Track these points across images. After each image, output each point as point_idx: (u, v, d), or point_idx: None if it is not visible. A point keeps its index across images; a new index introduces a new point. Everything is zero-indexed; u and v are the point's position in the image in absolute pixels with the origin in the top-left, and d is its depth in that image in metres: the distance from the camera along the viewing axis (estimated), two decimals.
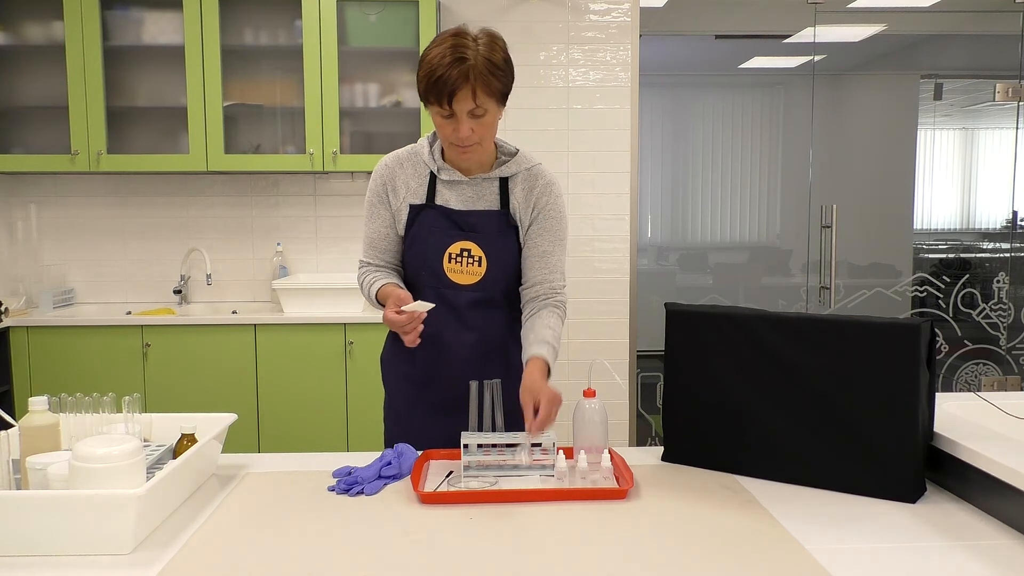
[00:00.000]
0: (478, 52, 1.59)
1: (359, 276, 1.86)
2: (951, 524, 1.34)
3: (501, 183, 1.78)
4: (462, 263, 1.75)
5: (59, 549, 1.22)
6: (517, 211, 1.79)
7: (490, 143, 1.73)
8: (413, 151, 1.81)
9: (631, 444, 3.85)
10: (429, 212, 1.76)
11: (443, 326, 1.76)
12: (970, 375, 4.22)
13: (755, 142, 4.53)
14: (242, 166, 3.50)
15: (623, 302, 3.86)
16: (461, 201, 1.77)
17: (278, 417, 3.36)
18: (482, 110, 1.62)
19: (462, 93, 1.58)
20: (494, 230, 1.76)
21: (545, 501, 1.45)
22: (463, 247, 1.75)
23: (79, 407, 1.53)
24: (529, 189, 1.78)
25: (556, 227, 1.81)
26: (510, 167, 1.78)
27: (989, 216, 5.35)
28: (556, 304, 1.80)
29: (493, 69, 1.60)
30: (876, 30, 4.25)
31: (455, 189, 1.77)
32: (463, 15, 3.73)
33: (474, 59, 1.58)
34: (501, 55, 1.63)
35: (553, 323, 1.76)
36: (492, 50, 1.61)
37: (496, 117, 1.68)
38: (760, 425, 1.54)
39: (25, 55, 3.61)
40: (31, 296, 3.70)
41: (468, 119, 1.62)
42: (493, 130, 1.70)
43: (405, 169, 1.79)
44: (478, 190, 1.78)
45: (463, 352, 1.80)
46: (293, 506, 1.43)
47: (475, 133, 1.64)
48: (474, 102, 1.60)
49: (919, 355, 1.40)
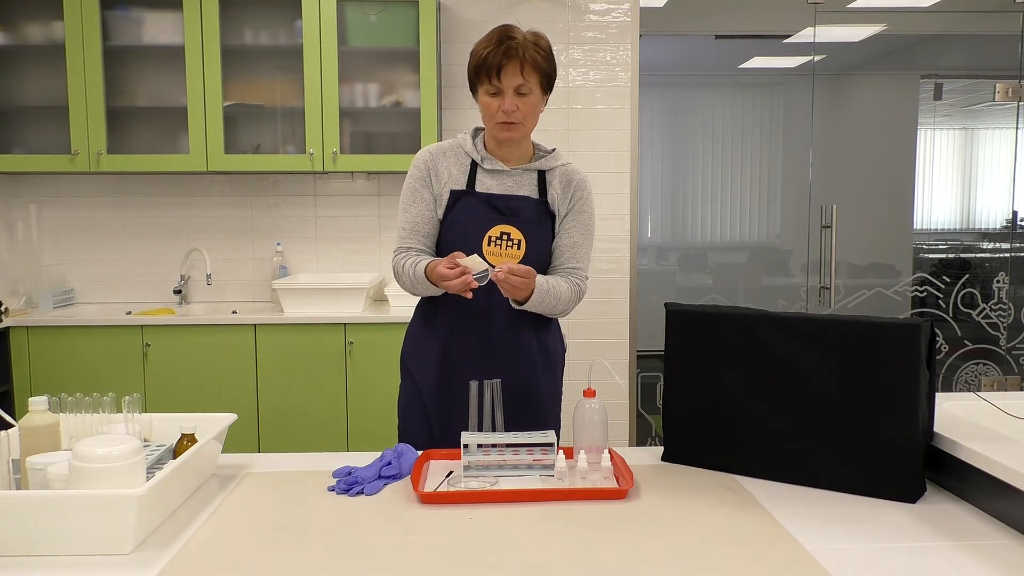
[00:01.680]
0: (527, 38, 1.76)
1: (397, 261, 1.86)
2: (951, 524, 1.34)
3: (539, 176, 1.86)
4: (501, 246, 1.81)
5: (59, 549, 1.22)
6: (555, 201, 1.86)
7: (531, 125, 1.83)
8: (455, 143, 1.91)
9: (631, 444, 3.85)
10: (469, 198, 1.83)
11: (480, 306, 1.80)
12: (970, 375, 4.22)
13: (755, 142, 4.53)
14: (242, 166, 3.50)
15: (623, 302, 3.86)
16: (502, 189, 1.85)
17: (278, 417, 3.36)
18: (528, 88, 1.75)
19: (510, 67, 1.73)
20: (533, 216, 1.83)
21: (545, 501, 1.45)
22: (503, 230, 1.81)
23: (79, 407, 1.53)
24: (567, 183, 1.87)
25: (588, 222, 1.89)
26: (548, 161, 1.87)
27: (989, 216, 5.35)
28: (572, 279, 1.86)
29: (540, 52, 1.77)
30: (876, 30, 4.25)
31: (496, 178, 1.85)
32: (463, 15, 3.74)
33: (522, 40, 1.75)
34: (546, 45, 1.80)
35: (559, 279, 1.83)
36: (538, 40, 1.79)
37: (538, 104, 1.80)
38: (760, 425, 1.54)
39: (25, 55, 3.61)
40: (31, 296, 3.70)
41: (513, 95, 1.75)
42: (535, 113, 1.81)
43: (448, 157, 1.87)
44: (518, 180, 1.86)
45: (498, 343, 1.84)
46: (293, 506, 1.43)
47: (519, 110, 1.76)
48: (521, 76, 1.74)
49: (919, 355, 1.40)
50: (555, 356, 1.96)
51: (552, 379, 1.95)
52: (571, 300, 1.85)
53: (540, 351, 1.90)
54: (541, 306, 1.79)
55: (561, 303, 1.82)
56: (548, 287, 1.79)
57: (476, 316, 1.84)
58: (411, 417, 1.92)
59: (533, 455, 1.55)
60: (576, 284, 1.86)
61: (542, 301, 1.78)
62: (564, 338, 2.04)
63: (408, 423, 1.93)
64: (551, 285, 1.80)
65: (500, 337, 1.85)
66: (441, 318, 1.88)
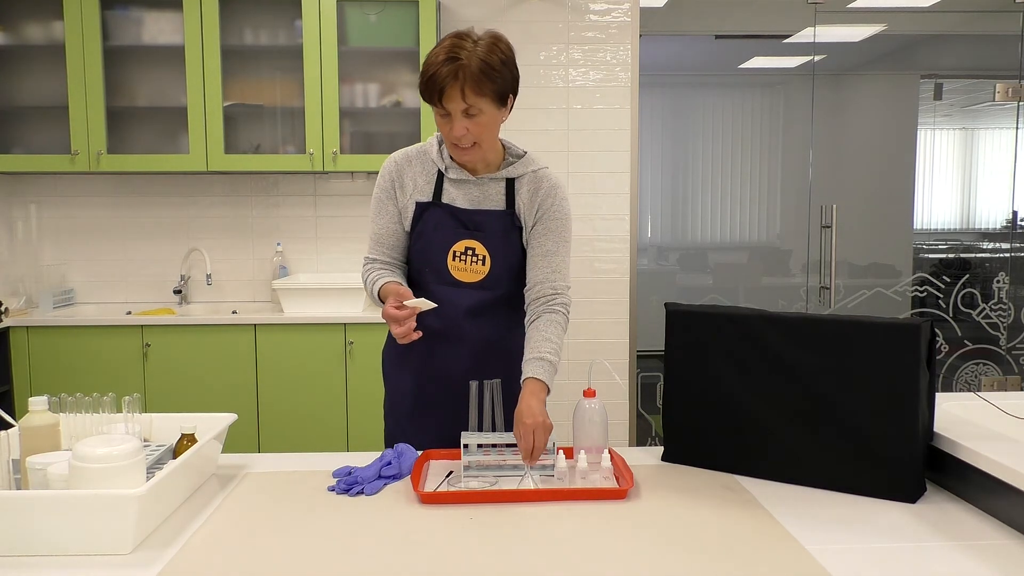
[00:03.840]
0: (474, 53, 1.59)
1: (364, 273, 1.86)
2: (951, 524, 1.34)
3: (507, 184, 1.80)
4: (466, 261, 1.77)
5: (59, 549, 1.22)
6: (522, 212, 1.79)
7: (489, 144, 1.73)
8: (422, 149, 1.83)
9: (631, 444, 3.85)
10: (435, 210, 1.78)
11: (446, 323, 1.77)
12: (970, 375, 4.22)
13: (755, 142, 4.53)
14: (242, 166, 3.50)
15: (623, 302, 3.86)
16: (467, 200, 1.79)
17: (278, 417, 3.36)
18: (475, 110, 1.62)
19: (451, 91, 1.59)
20: (499, 230, 1.78)
21: (545, 501, 1.45)
22: (468, 245, 1.77)
23: (79, 407, 1.53)
24: (534, 191, 1.79)
25: (560, 228, 1.81)
26: (517, 168, 1.80)
27: (989, 216, 5.35)
28: (557, 308, 1.78)
29: (486, 70, 1.60)
30: (876, 30, 4.25)
31: (462, 188, 1.79)
32: (463, 15, 3.73)
33: (467, 59, 1.58)
34: (499, 57, 1.63)
35: (552, 333, 1.74)
36: (490, 51, 1.61)
37: (495, 118, 1.68)
38: (760, 425, 1.54)
39: (25, 55, 3.61)
40: (31, 296, 3.70)
41: (462, 118, 1.63)
42: (491, 131, 1.70)
43: (413, 166, 1.81)
44: (484, 190, 1.79)
45: (465, 349, 1.80)
46: (293, 506, 1.43)
47: (470, 133, 1.65)
48: (464, 101, 1.60)
49: (919, 355, 1.40)
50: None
51: None
52: (566, 325, 1.82)
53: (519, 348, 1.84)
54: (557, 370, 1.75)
55: (562, 338, 1.79)
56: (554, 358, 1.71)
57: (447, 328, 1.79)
58: (394, 422, 1.91)
59: None
60: (561, 310, 1.79)
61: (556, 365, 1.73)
62: None
63: (392, 427, 1.92)
64: (550, 340, 1.72)
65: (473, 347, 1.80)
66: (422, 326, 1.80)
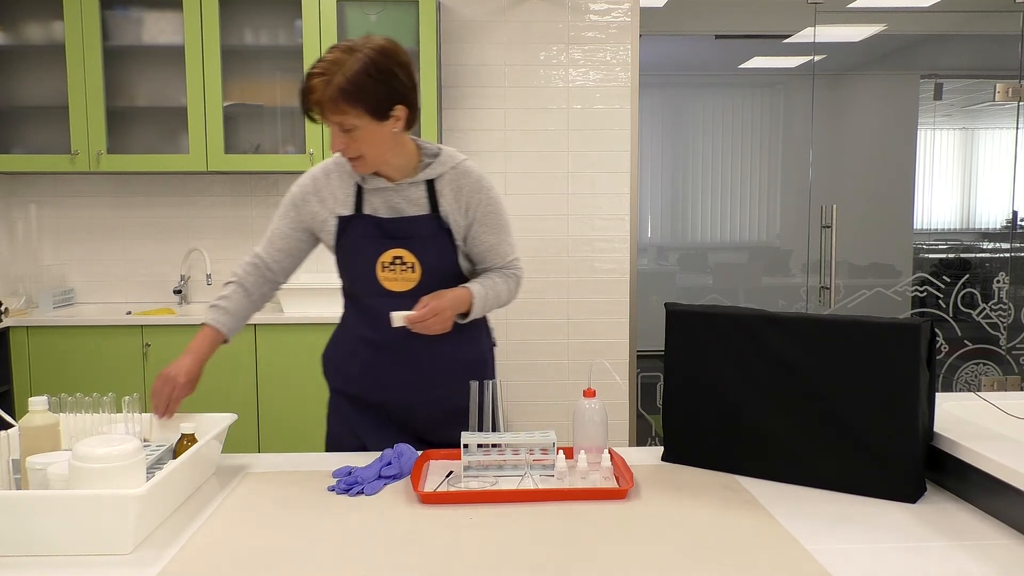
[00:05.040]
0: (342, 70, 1.56)
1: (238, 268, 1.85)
2: (951, 524, 1.34)
3: (428, 186, 1.76)
4: (395, 271, 1.75)
5: (59, 549, 1.22)
6: (449, 214, 1.76)
7: (378, 156, 1.68)
8: (339, 161, 1.79)
9: (631, 444, 3.85)
10: (358, 222, 1.76)
11: (383, 334, 1.74)
12: (970, 375, 4.22)
13: (755, 142, 4.53)
14: (242, 166, 3.50)
15: (623, 302, 3.86)
16: (389, 208, 1.76)
17: (278, 417, 3.36)
18: (349, 125, 1.60)
19: (315, 111, 1.60)
20: (425, 235, 1.75)
21: (545, 501, 1.45)
22: (395, 255, 1.75)
23: (79, 407, 1.53)
24: (458, 190, 1.77)
25: (495, 219, 1.80)
26: (435, 168, 1.76)
27: (989, 216, 5.35)
28: (508, 274, 1.83)
29: (349, 88, 1.56)
30: (876, 30, 4.25)
31: (382, 196, 1.76)
32: (463, 15, 3.74)
33: (332, 76, 1.56)
34: (374, 73, 1.59)
35: (495, 278, 1.80)
36: (365, 65, 1.58)
37: (376, 132, 1.63)
38: (760, 425, 1.54)
39: (25, 55, 3.61)
40: (31, 296, 3.70)
41: (339, 133, 1.62)
42: (375, 145, 1.66)
43: (332, 180, 1.79)
44: (405, 195, 1.76)
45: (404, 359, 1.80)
46: (293, 506, 1.43)
47: (349, 147, 1.64)
48: (328, 120, 1.61)
49: (919, 355, 1.40)
50: (484, 358, 1.92)
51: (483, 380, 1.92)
52: (511, 291, 1.84)
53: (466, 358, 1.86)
54: (485, 310, 1.78)
55: (502, 299, 1.82)
56: (486, 292, 1.76)
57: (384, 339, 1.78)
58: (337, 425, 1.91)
59: (533, 455, 1.55)
60: (512, 275, 1.84)
61: (484, 307, 1.77)
62: (491, 332, 1.98)
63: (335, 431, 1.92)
64: (487, 288, 1.77)
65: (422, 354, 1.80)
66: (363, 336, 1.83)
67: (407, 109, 1.66)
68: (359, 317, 1.84)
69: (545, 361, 3.85)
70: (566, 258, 3.83)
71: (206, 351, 1.78)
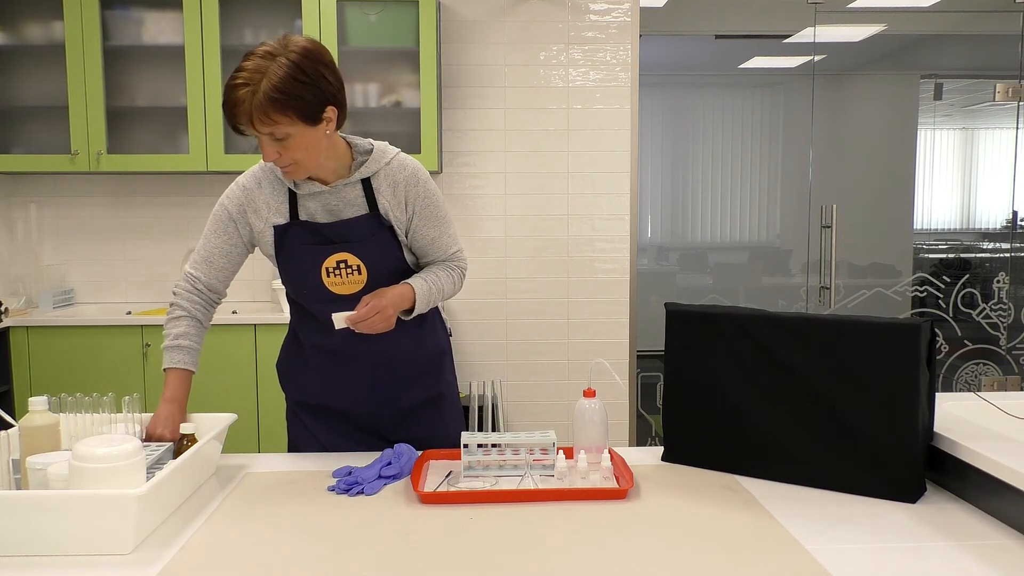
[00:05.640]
0: (268, 77, 1.48)
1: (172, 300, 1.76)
2: (951, 524, 1.34)
3: (364, 184, 1.71)
4: (341, 275, 1.70)
5: (59, 549, 1.22)
6: (388, 210, 1.72)
7: (312, 161, 1.61)
8: (268, 167, 1.72)
9: (631, 444, 3.85)
10: (295, 230, 1.70)
11: (336, 340, 1.72)
12: (970, 375, 4.22)
13: (755, 142, 4.53)
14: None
15: (623, 302, 3.86)
16: (326, 212, 1.71)
17: (278, 417, 3.34)
18: (281, 133, 1.52)
19: (243, 121, 1.51)
20: (367, 235, 1.71)
21: (545, 501, 1.44)
22: (339, 259, 1.70)
23: (79, 407, 1.53)
24: (395, 185, 1.71)
25: (434, 212, 1.76)
26: (369, 167, 1.70)
27: (989, 216, 5.35)
28: (451, 267, 1.81)
29: (277, 97, 1.48)
30: (876, 30, 4.25)
31: (318, 200, 1.70)
32: (463, 15, 3.74)
33: (259, 86, 1.48)
34: (301, 77, 1.51)
35: (437, 271, 1.78)
36: (289, 73, 1.50)
37: (309, 137, 1.56)
38: (760, 425, 1.54)
39: (25, 55, 3.61)
40: (31, 296, 3.70)
41: (271, 142, 1.54)
42: (310, 150, 1.58)
43: (263, 189, 1.72)
44: (341, 196, 1.70)
45: (358, 363, 1.78)
46: (293, 506, 1.43)
47: (283, 156, 1.56)
48: (255, 129, 1.52)
49: (919, 355, 1.40)
50: (440, 352, 1.90)
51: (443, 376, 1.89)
52: (455, 283, 1.82)
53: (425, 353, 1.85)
54: (429, 305, 1.75)
55: (446, 291, 1.79)
56: (429, 287, 1.73)
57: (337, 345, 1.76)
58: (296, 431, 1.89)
59: (533, 455, 1.55)
60: (455, 267, 1.82)
61: (428, 302, 1.74)
62: (447, 324, 1.96)
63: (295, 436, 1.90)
64: (430, 282, 1.74)
65: (373, 355, 1.78)
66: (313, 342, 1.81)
67: (337, 109, 1.59)
68: (308, 324, 1.80)
69: (545, 361, 3.85)
70: (566, 258, 3.83)
71: (183, 394, 1.68)
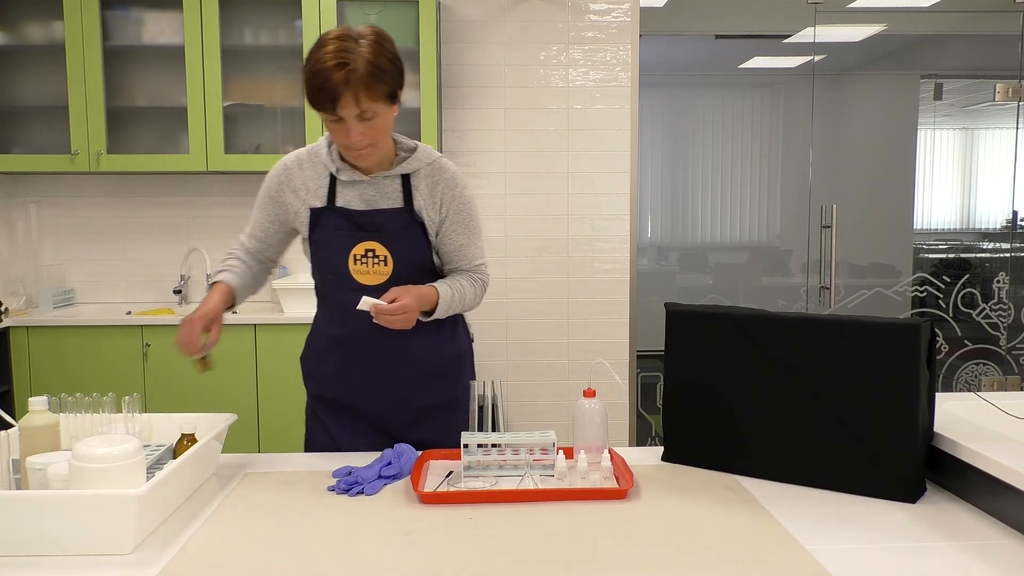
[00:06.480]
0: (360, 55, 1.55)
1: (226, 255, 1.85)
2: (951, 524, 1.34)
3: (403, 180, 1.75)
4: (367, 264, 1.73)
5: (59, 549, 1.22)
6: (423, 208, 1.75)
7: (385, 144, 1.70)
8: (313, 151, 1.78)
9: (631, 444, 3.85)
10: (330, 215, 1.73)
11: (355, 329, 1.74)
12: (970, 375, 4.22)
13: (755, 142, 4.53)
14: (242, 166, 3.50)
15: (623, 302, 3.86)
16: (363, 201, 1.74)
17: (278, 417, 3.36)
18: (370, 113, 1.59)
19: (345, 99, 1.55)
20: (398, 228, 1.73)
21: (545, 501, 1.44)
22: (367, 247, 1.72)
23: (79, 407, 1.53)
24: (433, 185, 1.76)
25: (467, 219, 1.79)
26: (411, 163, 1.75)
27: (989, 216, 5.35)
28: (475, 278, 1.82)
29: (377, 72, 1.56)
30: (876, 30, 4.25)
31: (356, 189, 1.74)
32: (463, 15, 3.74)
33: (356, 63, 1.54)
34: (387, 56, 1.60)
35: (462, 280, 1.79)
36: (377, 52, 1.58)
37: (388, 117, 1.65)
38: (760, 425, 1.54)
39: (25, 55, 3.61)
40: (31, 296, 3.70)
41: (357, 123, 1.59)
42: (386, 131, 1.68)
43: (304, 170, 1.77)
44: (380, 188, 1.75)
45: (376, 354, 1.79)
46: (293, 506, 1.43)
47: (366, 136, 1.62)
48: (358, 107, 1.57)
49: (919, 355, 1.40)
50: (461, 355, 1.91)
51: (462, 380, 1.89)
52: (477, 296, 1.83)
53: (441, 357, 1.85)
54: (448, 312, 1.76)
55: (468, 303, 1.80)
56: (452, 294, 1.74)
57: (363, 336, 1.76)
58: (314, 427, 1.90)
59: (533, 455, 1.55)
60: (478, 279, 1.82)
61: (449, 309, 1.75)
62: (469, 329, 1.98)
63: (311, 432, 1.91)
64: (454, 290, 1.75)
65: (391, 353, 1.79)
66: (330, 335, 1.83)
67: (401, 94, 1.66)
68: (329, 315, 1.83)
69: (545, 361, 3.85)
70: (566, 258, 3.83)
71: (220, 302, 1.72)
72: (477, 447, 1.54)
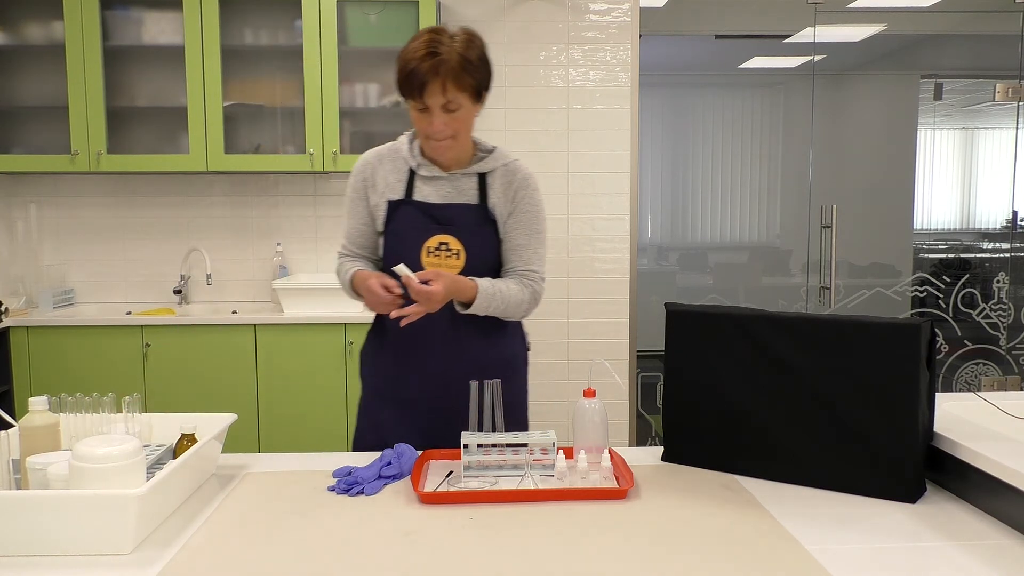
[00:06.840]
0: (452, 48, 1.63)
1: (337, 265, 1.89)
2: (951, 524, 1.34)
3: (479, 178, 1.80)
4: (440, 256, 1.75)
5: (59, 549, 1.22)
6: (496, 206, 1.79)
7: (465, 138, 1.76)
8: (393, 147, 1.84)
9: (631, 444, 3.85)
10: (407, 207, 1.78)
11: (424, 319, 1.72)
12: (970, 375, 4.22)
13: (755, 142, 4.53)
14: (242, 166, 3.50)
15: (623, 302, 3.86)
16: (440, 196, 1.79)
17: (278, 417, 3.36)
18: (455, 104, 1.66)
19: (433, 86, 1.63)
20: (472, 223, 1.77)
21: (545, 501, 1.44)
22: (441, 240, 1.76)
23: (79, 407, 1.53)
24: (507, 184, 1.80)
25: (531, 221, 1.81)
26: (488, 163, 1.80)
27: (989, 216, 5.36)
28: (526, 283, 1.81)
29: (466, 64, 1.64)
30: (876, 30, 4.25)
31: (433, 184, 1.79)
32: (463, 15, 3.73)
33: (447, 54, 1.62)
34: (477, 52, 1.68)
35: (510, 282, 1.79)
36: (468, 47, 1.66)
37: (471, 113, 1.72)
38: (760, 425, 1.54)
39: (25, 55, 3.61)
40: (31, 296, 3.70)
41: (441, 113, 1.66)
42: (468, 125, 1.74)
43: (384, 165, 1.82)
44: (457, 185, 1.79)
45: (442, 345, 1.80)
46: (293, 506, 1.43)
47: (448, 127, 1.68)
48: (444, 96, 1.64)
49: (919, 355, 1.40)
50: (515, 359, 1.90)
51: (514, 383, 1.88)
52: (524, 302, 1.80)
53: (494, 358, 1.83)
54: (488, 309, 1.74)
55: (512, 305, 1.77)
56: (494, 290, 1.73)
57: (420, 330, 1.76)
58: (367, 420, 1.91)
59: (533, 455, 1.55)
60: (530, 285, 1.80)
61: (488, 304, 1.73)
62: (526, 336, 1.98)
63: (364, 425, 1.92)
64: (497, 288, 1.74)
65: (446, 349, 1.80)
66: (387, 328, 1.83)
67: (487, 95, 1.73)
68: None
69: (545, 361, 3.85)
70: (566, 258, 3.83)
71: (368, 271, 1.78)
72: (477, 447, 1.54)
